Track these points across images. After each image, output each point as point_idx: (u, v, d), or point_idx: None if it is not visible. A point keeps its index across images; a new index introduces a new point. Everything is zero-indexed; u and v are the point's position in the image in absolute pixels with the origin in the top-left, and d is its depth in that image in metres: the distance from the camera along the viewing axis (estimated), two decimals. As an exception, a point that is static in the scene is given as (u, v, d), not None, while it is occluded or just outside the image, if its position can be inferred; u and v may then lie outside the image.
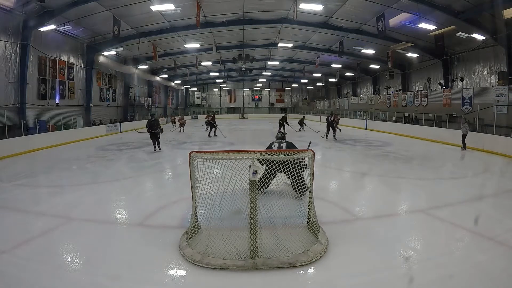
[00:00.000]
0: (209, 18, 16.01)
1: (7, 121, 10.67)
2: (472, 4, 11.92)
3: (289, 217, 3.71)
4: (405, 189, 5.88)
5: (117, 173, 7.39)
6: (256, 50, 23.34)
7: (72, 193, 5.58)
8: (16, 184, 6.22)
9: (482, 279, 2.74)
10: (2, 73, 11.80)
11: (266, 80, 41.23)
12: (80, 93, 17.57)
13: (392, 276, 2.80)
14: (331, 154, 10.45)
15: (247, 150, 3.33)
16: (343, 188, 6.09)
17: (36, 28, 12.63)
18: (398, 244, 3.41)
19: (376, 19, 13.92)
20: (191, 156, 3.35)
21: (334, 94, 37.18)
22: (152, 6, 12.48)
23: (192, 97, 43.42)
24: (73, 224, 4.07)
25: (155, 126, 10.15)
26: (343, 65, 26.33)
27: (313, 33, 18.94)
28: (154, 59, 19.96)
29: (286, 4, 14.67)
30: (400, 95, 21.00)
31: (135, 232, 3.81)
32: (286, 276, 2.80)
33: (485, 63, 15.65)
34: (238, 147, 11.04)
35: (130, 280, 2.76)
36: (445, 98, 16.16)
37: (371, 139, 14.24)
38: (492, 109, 12.07)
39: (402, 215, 4.48)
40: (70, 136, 13.70)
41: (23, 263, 3.01)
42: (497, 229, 3.72)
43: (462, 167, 8.04)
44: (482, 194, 5.44)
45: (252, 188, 2.98)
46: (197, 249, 3.13)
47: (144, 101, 27.47)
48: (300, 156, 3.59)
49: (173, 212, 4.39)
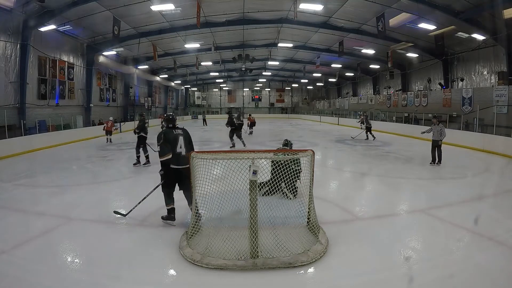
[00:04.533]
0: (209, 18, 16.02)
1: (7, 121, 10.67)
2: (472, 4, 11.92)
3: (289, 217, 3.71)
4: (405, 189, 5.88)
5: (117, 173, 7.38)
6: (256, 50, 23.35)
7: (72, 193, 5.58)
8: (16, 184, 6.22)
9: (482, 279, 2.74)
10: (2, 73, 11.81)
11: (266, 80, 41.24)
12: (80, 93, 17.57)
13: (392, 276, 2.80)
14: (331, 154, 10.45)
15: (247, 150, 3.33)
16: (343, 188, 6.09)
17: (36, 28, 12.64)
18: (398, 244, 3.41)
19: (376, 19, 13.93)
20: (191, 156, 3.36)
21: (334, 94, 37.20)
22: (152, 6, 12.49)
23: (192, 97, 43.44)
24: (73, 224, 4.07)
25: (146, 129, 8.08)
26: (343, 65, 26.34)
27: (313, 33, 18.95)
28: (154, 59, 19.97)
29: (286, 4, 14.67)
30: (400, 95, 21.00)
31: (135, 232, 3.81)
32: (286, 276, 2.79)
33: (485, 63, 15.65)
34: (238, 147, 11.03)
35: (130, 280, 2.76)
36: (445, 98, 16.16)
37: (371, 139, 14.23)
38: (492, 109, 12.06)
39: (402, 215, 4.48)
40: (70, 136, 13.70)
41: (23, 263, 3.00)
42: (497, 229, 3.72)
43: (462, 167, 8.03)
44: (482, 194, 5.43)
45: (252, 188, 2.98)
46: (197, 249, 3.12)
47: (144, 101, 27.48)
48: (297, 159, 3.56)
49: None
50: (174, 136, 3.74)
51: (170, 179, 3.78)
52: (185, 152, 3.71)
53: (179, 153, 3.71)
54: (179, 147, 3.72)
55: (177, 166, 3.70)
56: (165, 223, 3.93)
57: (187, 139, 3.83)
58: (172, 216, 3.87)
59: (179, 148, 3.72)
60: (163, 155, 3.68)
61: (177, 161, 3.71)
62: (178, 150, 3.71)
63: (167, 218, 3.89)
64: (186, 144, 3.79)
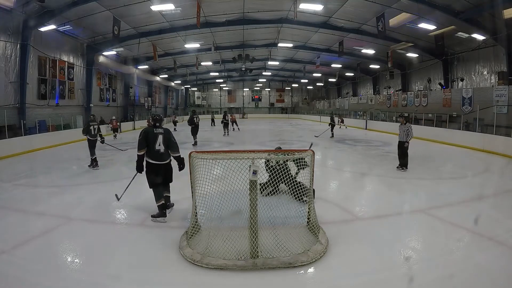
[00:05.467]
0: (209, 18, 16.01)
1: (7, 121, 10.67)
2: (472, 4, 11.92)
3: (289, 217, 3.71)
4: (405, 189, 5.88)
5: (117, 173, 7.38)
6: (256, 50, 23.35)
7: (72, 193, 5.58)
8: (16, 184, 6.22)
9: (482, 279, 2.74)
10: (2, 73, 11.80)
11: (266, 80, 41.25)
12: (80, 93, 17.56)
13: (392, 276, 2.80)
14: (331, 154, 10.45)
15: (247, 150, 3.33)
16: (343, 188, 6.09)
17: (36, 28, 12.63)
18: (398, 244, 3.41)
19: (376, 19, 13.93)
20: (191, 156, 3.35)
21: (334, 94, 37.20)
22: (152, 6, 12.48)
23: (192, 97, 43.44)
24: (73, 224, 4.07)
25: (91, 131, 7.66)
26: (343, 65, 26.33)
27: (313, 33, 18.94)
28: (154, 59, 19.96)
29: (286, 4, 14.67)
30: (400, 95, 21.00)
31: (135, 232, 3.81)
32: (286, 276, 2.79)
33: (485, 63, 15.65)
34: (238, 147, 11.04)
35: (130, 280, 2.76)
36: (445, 98, 16.16)
37: (371, 139, 14.24)
38: (492, 109, 12.06)
39: (402, 215, 4.48)
40: (70, 136, 13.68)
41: (23, 263, 3.00)
42: (497, 229, 3.71)
43: (462, 167, 8.03)
44: (482, 194, 5.43)
45: (252, 188, 2.98)
46: (197, 249, 3.13)
47: (144, 101, 27.48)
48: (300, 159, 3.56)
49: (173, 212, 4.39)
50: (154, 135, 4.02)
51: (154, 175, 4.03)
52: (164, 150, 4.03)
53: (158, 150, 4.00)
54: (157, 145, 4.00)
55: (156, 162, 4.01)
56: (156, 221, 4.00)
57: (167, 139, 4.08)
58: (164, 212, 4.05)
59: (157, 145, 4.00)
60: (138, 149, 4.02)
61: (156, 157, 4.02)
62: (157, 148, 4.01)
63: (158, 216, 4.03)
64: (165, 143, 4.05)
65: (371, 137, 15.17)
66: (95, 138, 7.77)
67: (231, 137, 15.26)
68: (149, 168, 4.05)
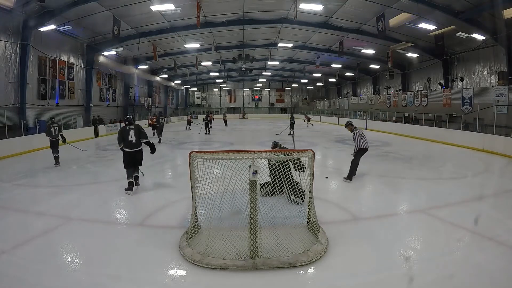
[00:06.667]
0: (209, 18, 16.01)
1: (7, 121, 10.66)
2: (472, 4, 11.92)
3: (289, 217, 3.71)
4: (405, 189, 5.88)
5: (117, 173, 7.37)
6: (256, 50, 23.34)
7: (72, 193, 5.58)
8: (16, 184, 6.22)
9: (482, 279, 2.73)
10: (2, 73, 11.81)
11: (266, 80, 41.22)
12: (80, 93, 17.57)
13: (392, 276, 2.80)
14: (331, 154, 10.45)
15: (247, 150, 3.33)
16: (343, 188, 6.08)
17: (36, 28, 12.63)
18: (398, 244, 3.41)
19: (376, 19, 13.93)
20: (191, 156, 3.35)
21: (334, 94, 37.20)
22: (152, 6, 12.48)
23: (192, 97, 43.42)
24: (73, 224, 4.07)
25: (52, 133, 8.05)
26: (343, 65, 26.32)
27: (313, 33, 18.94)
28: (154, 59, 19.97)
29: (286, 4, 14.67)
30: (400, 95, 21.00)
31: (135, 232, 3.81)
32: (286, 276, 2.79)
33: (485, 63, 15.64)
34: (238, 147, 11.04)
35: (130, 280, 2.76)
36: (445, 98, 16.16)
37: (371, 139, 14.17)
38: (492, 109, 12.06)
39: (402, 215, 4.48)
40: (70, 136, 13.61)
41: (23, 263, 3.00)
42: (497, 229, 3.71)
43: (462, 167, 8.03)
44: (482, 194, 5.43)
45: (252, 188, 2.98)
46: (197, 249, 3.12)
47: (144, 101, 27.48)
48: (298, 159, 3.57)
49: (173, 212, 4.40)
50: (127, 130, 5.35)
51: (128, 160, 5.34)
52: (135, 140, 5.32)
53: (131, 141, 5.31)
54: (130, 137, 5.32)
55: (129, 150, 5.32)
56: (126, 194, 5.25)
57: (137, 131, 5.38)
58: (131, 187, 5.32)
59: (130, 137, 5.32)
60: (118, 144, 5.39)
61: (129, 146, 5.33)
62: (130, 139, 5.31)
63: (127, 190, 5.32)
64: (136, 134, 5.35)
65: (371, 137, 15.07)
66: (56, 138, 8.24)
67: (231, 137, 15.26)
68: (125, 154, 5.37)
